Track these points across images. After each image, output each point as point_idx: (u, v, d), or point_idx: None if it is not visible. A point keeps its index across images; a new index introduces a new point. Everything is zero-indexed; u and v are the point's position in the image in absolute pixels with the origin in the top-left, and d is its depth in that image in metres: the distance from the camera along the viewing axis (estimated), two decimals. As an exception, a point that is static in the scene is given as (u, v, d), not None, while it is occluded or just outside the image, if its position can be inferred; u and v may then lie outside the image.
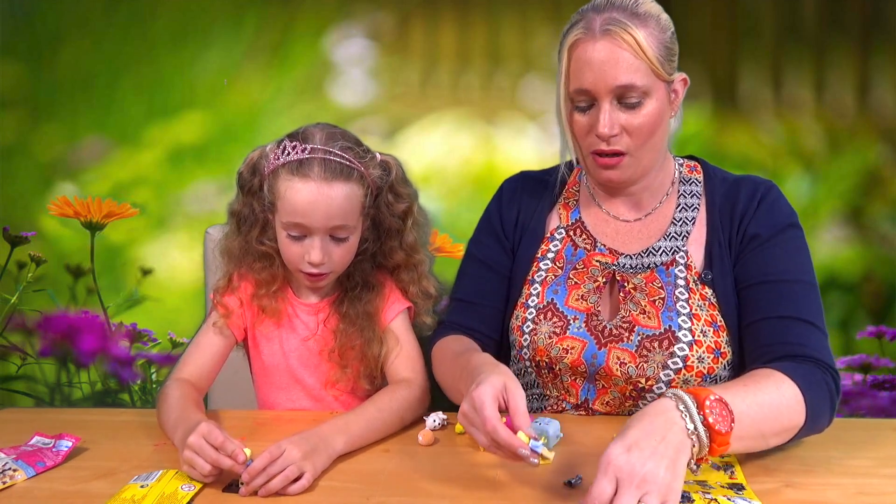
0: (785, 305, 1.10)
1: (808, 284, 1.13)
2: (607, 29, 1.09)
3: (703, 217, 1.21)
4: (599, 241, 1.23)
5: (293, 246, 1.17)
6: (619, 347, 1.15)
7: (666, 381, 1.13)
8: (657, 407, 0.86)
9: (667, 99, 1.14)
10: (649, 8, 1.13)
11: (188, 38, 1.91)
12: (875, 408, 1.91)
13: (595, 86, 1.10)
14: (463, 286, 1.31)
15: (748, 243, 1.16)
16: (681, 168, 1.26)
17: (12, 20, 1.92)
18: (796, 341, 1.07)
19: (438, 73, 1.90)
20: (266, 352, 1.26)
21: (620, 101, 1.11)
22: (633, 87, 1.10)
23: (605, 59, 1.09)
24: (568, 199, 1.29)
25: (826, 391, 1.02)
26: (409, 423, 1.14)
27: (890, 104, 1.85)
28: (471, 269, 1.31)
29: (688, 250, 1.19)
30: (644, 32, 1.09)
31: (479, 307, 1.26)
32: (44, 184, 1.97)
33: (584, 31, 1.10)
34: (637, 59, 1.09)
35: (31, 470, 0.99)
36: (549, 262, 1.24)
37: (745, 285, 1.15)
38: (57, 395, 2.02)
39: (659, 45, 1.11)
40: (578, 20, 1.12)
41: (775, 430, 0.96)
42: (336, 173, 1.14)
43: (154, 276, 1.99)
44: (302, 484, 0.94)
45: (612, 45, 1.09)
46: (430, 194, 1.88)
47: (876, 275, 1.89)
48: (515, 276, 1.26)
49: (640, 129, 1.12)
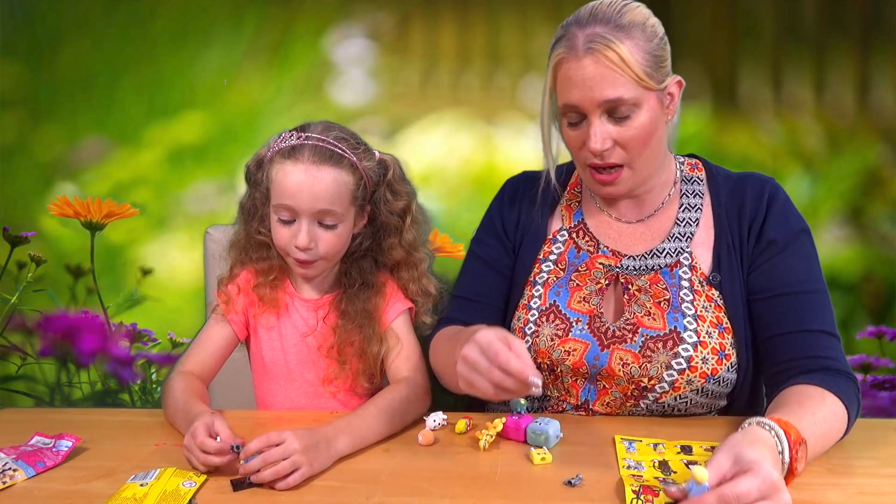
0: (809, 319, 1.12)
1: (824, 293, 1.14)
2: (590, 47, 1.07)
3: (709, 217, 1.21)
4: (602, 243, 1.23)
5: (282, 229, 1.19)
6: (622, 349, 1.15)
7: (669, 381, 1.12)
8: (767, 441, 0.89)
9: (659, 106, 1.13)
10: (634, 16, 1.10)
11: (188, 38, 1.91)
12: (875, 408, 1.91)
13: (582, 102, 1.09)
14: (464, 284, 1.31)
15: (764, 249, 1.16)
16: (682, 167, 1.26)
17: (12, 20, 1.92)
18: (825, 354, 1.09)
19: (438, 73, 1.90)
20: (266, 346, 1.27)
21: (610, 114, 1.10)
22: (621, 100, 1.08)
23: (590, 76, 1.08)
24: (570, 201, 1.29)
25: (857, 401, 1.05)
26: (409, 423, 1.14)
27: (890, 104, 1.85)
28: (472, 267, 1.31)
29: (692, 252, 1.19)
30: (629, 45, 1.07)
31: (478, 304, 1.27)
32: (44, 184, 1.97)
33: (567, 50, 1.09)
34: (622, 74, 1.07)
35: (31, 470, 0.99)
36: (552, 263, 1.24)
37: (767, 296, 1.15)
38: (57, 395, 2.02)
39: (645, 56, 1.09)
40: (562, 35, 1.11)
41: (828, 444, 1.00)
42: (325, 158, 1.16)
43: (154, 276, 1.99)
44: (294, 478, 0.94)
45: (595, 63, 1.07)
46: (430, 194, 1.88)
47: (876, 275, 1.89)
48: (517, 276, 1.26)
49: (633, 141, 1.11)
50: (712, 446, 1.04)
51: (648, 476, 0.95)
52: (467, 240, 1.34)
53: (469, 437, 1.10)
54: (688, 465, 0.98)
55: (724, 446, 0.87)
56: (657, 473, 0.96)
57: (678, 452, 1.02)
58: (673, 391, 1.13)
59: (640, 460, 1.00)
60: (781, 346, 1.12)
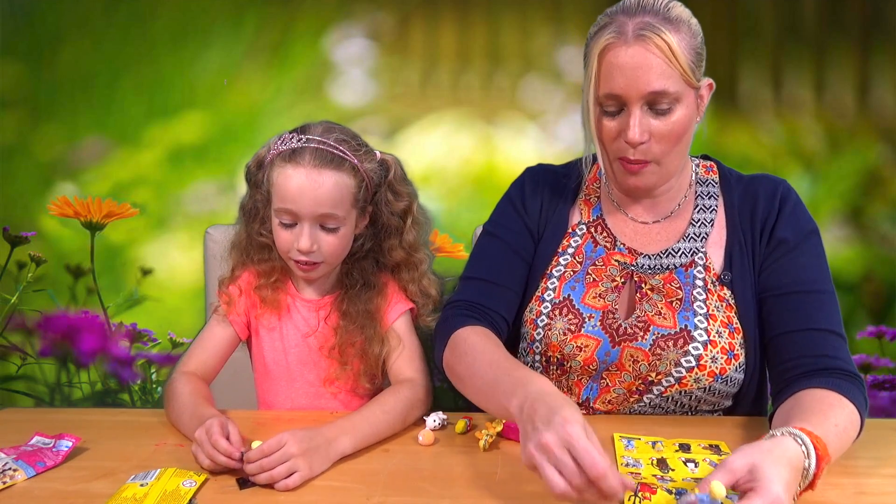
0: (817, 318, 1.11)
1: (832, 294, 1.14)
2: (641, 34, 1.06)
3: (722, 218, 1.21)
4: (619, 241, 1.23)
5: (284, 233, 1.19)
6: (633, 346, 1.15)
7: (677, 377, 1.13)
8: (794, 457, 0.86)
9: (695, 105, 1.13)
10: (680, 13, 1.10)
11: (188, 38, 1.91)
12: (875, 408, 1.91)
13: (626, 91, 1.08)
14: (480, 265, 1.26)
15: (775, 248, 1.16)
16: (697, 169, 1.26)
17: (12, 20, 1.92)
18: (832, 354, 1.08)
19: (438, 73, 1.90)
20: (267, 346, 1.27)
21: (651, 107, 1.09)
22: (665, 93, 1.08)
23: (638, 64, 1.07)
24: (589, 196, 1.29)
25: (866, 409, 1.03)
26: (410, 423, 1.14)
27: (890, 104, 1.85)
28: (491, 249, 1.26)
29: (706, 252, 1.19)
30: (677, 38, 1.07)
31: (501, 289, 1.22)
32: (44, 184, 1.97)
33: (616, 36, 1.07)
34: (669, 65, 1.07)
35: (31, 470, 0.99)
36: (569, 256, 1.24)
37: (776, 294, 1.15)
38: (57, 395, 2.02)
39: (690, 51, 1.09)
40: (608, 23, 1.09)
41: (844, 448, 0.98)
42: (326, 161, 1.15)
43: (154, 276, 1.99)
44: (294, 480, 0.94)
45: (644, 51, 1.06)
46: (430, 194, 1.88)
47: (876, 275, 1.89)
48: (534, 267, 1.25)
49: (669, 136, 1.11)
50: (710, 444, 1.04)
51: (647, 474, 0.95)
52: (468, 240, 1.33)
53: (469, 437, 1.10)
54: (698, 480, 0.98)
55: (749, 450, 0.84)
56: (655, 471, 0.97)
57: (676, 450, 1.02)
58: (679, 386, 1.14)
59: (639, 458, 1.00)
60: (789, 344, 1.11)
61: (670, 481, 0.93)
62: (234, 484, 0.96)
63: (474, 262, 1.27)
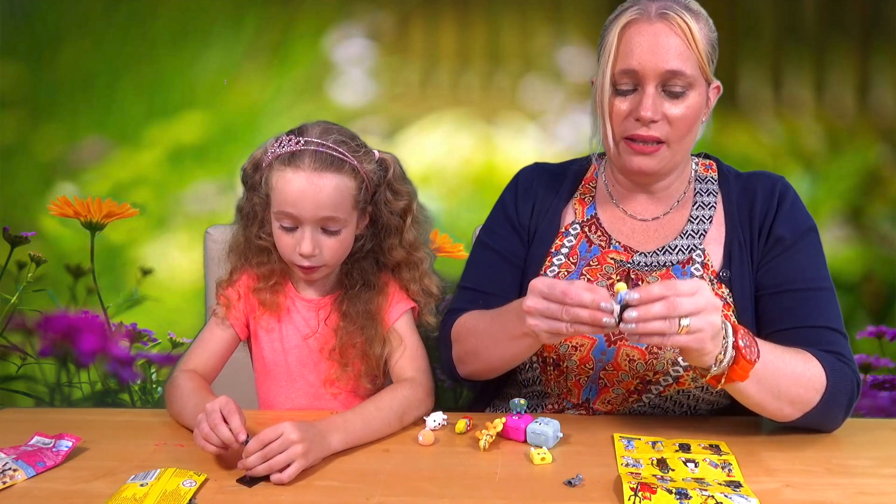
0: (815, 315, 1.12)
1: (830, 291, 1.15)
2: (664, 13, 1.10)
3: (721, 215, 1.21)
4: (614, 239, 1.23)
5: (285, 237, 1.18)
6: (628, 345, 1.15)
7: (675, 376, 1.13)
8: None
9: (705, 99, 1.15)
10: (698, 7, 1.15)
11: (188, 38, 1.91)
12: (875, 408, 1.91)
13: (643, 67, 1.10)
14: (474, 275, 1.29)
15: (773, 245, 1.17)
16: (696, 167, 1.27)
17: (12, 20, 1.92)
18: (829, 349, 1.08)
19: (438, 73, 1.89)
20: (266, 347, 1.27)
21: (665, 87, 1.11)
22: (681, 74, 1.10)
23: (659, 41, 1.10)
24: (584, 195, 1.29)
25: (849, 387, 1.04)
26: (409, 423, 1.14)
27: (890, 104, 1.85)
28: (483, 258, 1.29)
29: (705, 248, 1.19)
30: (697, 25, 1.11)
31: (491, 297, 1.23)
32: (44, 184, 1.96)
33: (640, 13, 1.11)
34: (689, 48, 1.10)
35: (31, 470, 0.99)
36: (563, 257, 1.24)
37: (773, 292, 1.15)
38: (57, 395, 2.02)
39: (707, 41, 1.12)
40: (632, 5, 1.13)
41: (791, 395, 1.00)
42: (327, 164, 1.15)
43: (154, 276, 1.98)
44: (289, 473, 0.95)
45: (667, 29, 1.10)
46: (430, 194, 1.88)
47: (876, 275, 1.89)
48: (528, 268, 1.25)
49: (681, 121, 1.12)
50: (710, 444, 1.04)
51: (646, 474, 0.95)
52: (467, 240, 1.34)
53: (469, 437, 1.10)
54: (698, 480, 0.98)
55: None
56: (655, 471, 0.96)
57: (676, 451, 1.02)
58: (677, 385, 1.13)
59: (639, 458, 1.00)
60: (786, 341, 1.11)
61: (670, 481, 0.93)
62: (234, 484, 0.95)
63: (468, 270, 1.31)
